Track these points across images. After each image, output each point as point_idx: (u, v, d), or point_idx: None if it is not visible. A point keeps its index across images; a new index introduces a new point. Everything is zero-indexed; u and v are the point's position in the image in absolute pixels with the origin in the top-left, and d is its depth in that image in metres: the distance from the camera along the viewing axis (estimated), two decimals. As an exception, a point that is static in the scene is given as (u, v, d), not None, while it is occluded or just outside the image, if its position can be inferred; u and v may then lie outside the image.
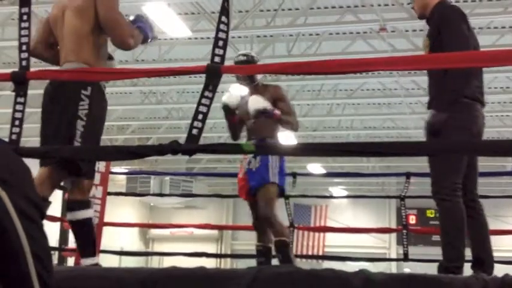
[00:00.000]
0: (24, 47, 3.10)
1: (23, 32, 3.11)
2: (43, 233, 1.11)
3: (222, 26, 2.82)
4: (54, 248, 7.85)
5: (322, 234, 19.41)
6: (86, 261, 3.18)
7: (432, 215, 18.93)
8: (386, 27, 8.27)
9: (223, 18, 2.82)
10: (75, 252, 5.98)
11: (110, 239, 6.45)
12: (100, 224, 6.02)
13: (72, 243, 9.88)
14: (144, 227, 19.51)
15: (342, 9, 8.67)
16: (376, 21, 8.17)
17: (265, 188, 4.35)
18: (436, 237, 20.88)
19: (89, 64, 3.32)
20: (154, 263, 17.58)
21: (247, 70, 4.21)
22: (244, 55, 4.67)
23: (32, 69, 3.15)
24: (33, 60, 3.29)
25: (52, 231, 5.07)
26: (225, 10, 2.82)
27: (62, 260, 8.84)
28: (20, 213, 1.05)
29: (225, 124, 4.88)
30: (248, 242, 18.97)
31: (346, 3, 8.55)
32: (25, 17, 3.10)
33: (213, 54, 2.84)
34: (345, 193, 18.45)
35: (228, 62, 2.97)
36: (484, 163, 10.70)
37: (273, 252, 4.58)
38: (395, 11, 8.22)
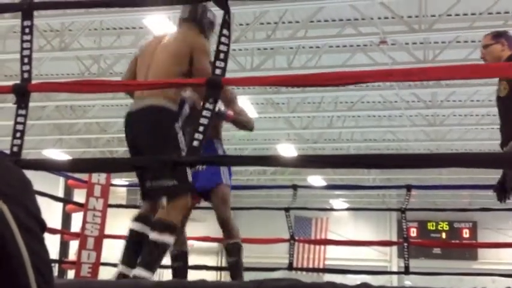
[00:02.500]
0: (26, 60, 3.11)
1: (25, 45, 3.12)
2: (44, 247, 1.11)
3: (223, 39, 2.84)
4: (54, 261, 7.83)
5: (322, 246, 19.36)
6: (141, 273, 3.18)
7: (433, 228, 18.90)
8: (386, 40, 8.30)
9: (225, 31, 2.84)
10: (75, 264, 5.98)
11: (110, 251, 6.43)
12: (100, 237, 6.01)
13: (72, 255, 9.89)
14: (144, 239, 19.43)
15: (342, 22, 8.71)
16: (376, 34, 8.20)
17: (220, 189, 4.24)
18: (437, 250, 20.89)
19: (173, 101, 3.42)
20: (155, 275, 17.49)
21: (247, 82, 4.22)
22: None
23: (33, 82, 3.16)
24: (34, 72, 3.30)
25: (52, 244, 5.05)
26: (226, 23, 2.84)
27: (62, 272, 8.82)
28: (21, 227, 1.04)
29: (225, 135, 4.81)
30: (249, 254, 18.97)
31: (346, 16, 8.58)
32: (27, 30, 3.12)
33: (214, 67, 2.85)
34: (346, 205, 18.43)
35: (228, 74, 2.97)
36: (484, 175, 10.70)
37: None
38: (395, 24, 8.26)
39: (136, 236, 3.55)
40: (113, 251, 5.71)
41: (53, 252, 11.24)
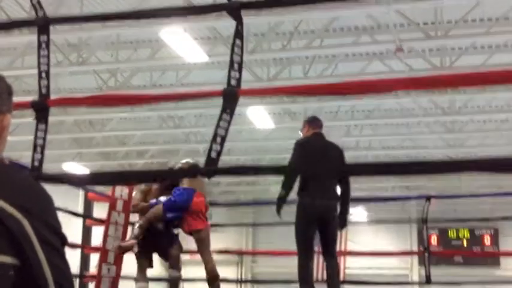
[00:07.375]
0: (43, 75, 3.14)
1: (42, 60, 3.16)
2: (65, 261, 1.11)
3: (236, 49, 2.85)
4: (75, 275, 7.86)
5: (342, 257, 19.22)
6: None
7: (454, 235, 18.71)
8: (402, 47, 8.26)
9: (237, 41, 2.85)
10: (96, 278, 6.00)
11: (130, 264, 6.45)
12: (120, 249, 6.02)
13: (92, 269, 9.94)
14: (163, 251, 19.47)
15: (358, 31, 8.69)
16: (392, 42, 8.17)
17: None
18: (458, 258, 20.57)
19: None
20: None
21: (264, 93, 4.22)
22: None
23: (52, 96, 3.19)
24: (52, 87, 3.33)
25: (73, 257, 5.10)
26: (238, 33, 2.85)
27: (83, 286, 8.85)
28: (42, 241, 1.05)
29: (243, 146, 4.89)
30: (268, 265, 18.92)
31: (361, 25, 8.56)
32: (44, 45, 3.15)
33: (229, 78, 2.86)
34: (365, 214, 18.30)
35: (244, 85, 2.98)
36: (505, 181, 10.52)
37: None
38: (411, 31, 8.22)
39: None
40: (133, 263, 5.73)
41: (74, 265, 11.28)
